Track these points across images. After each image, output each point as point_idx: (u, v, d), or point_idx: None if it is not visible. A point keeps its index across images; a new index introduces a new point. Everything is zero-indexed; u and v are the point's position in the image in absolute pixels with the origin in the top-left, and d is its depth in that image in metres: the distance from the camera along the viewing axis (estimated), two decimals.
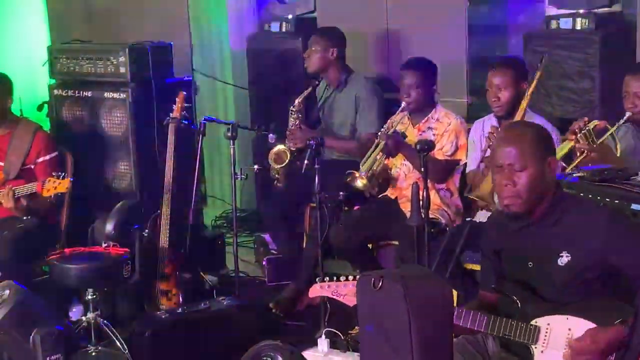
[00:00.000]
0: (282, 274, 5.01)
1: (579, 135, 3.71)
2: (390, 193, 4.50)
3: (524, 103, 3.97)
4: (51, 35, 5.99)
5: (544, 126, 3.13)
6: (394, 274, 2.43)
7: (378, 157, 4.37)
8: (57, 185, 4.22)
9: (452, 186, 4.46)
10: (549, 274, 2.84)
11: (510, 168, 2.82)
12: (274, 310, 4.64)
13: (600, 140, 3.74)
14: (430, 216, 3.71)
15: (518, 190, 2.82)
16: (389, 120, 4.52)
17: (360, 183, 4.33)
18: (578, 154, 3.74)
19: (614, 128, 3.76)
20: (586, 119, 3.80)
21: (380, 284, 2.41)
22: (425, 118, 4.49)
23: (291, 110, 4.90)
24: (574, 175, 3.41)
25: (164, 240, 4.49)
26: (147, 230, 4.40)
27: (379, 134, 4.39)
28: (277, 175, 4.91)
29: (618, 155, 3.72)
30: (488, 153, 3.96)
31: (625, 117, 3.77)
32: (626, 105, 3.81)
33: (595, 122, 3.78)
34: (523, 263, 2.90)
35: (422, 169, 3.61)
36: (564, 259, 2.81)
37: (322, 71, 4.99)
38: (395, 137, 4.34)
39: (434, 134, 4.42)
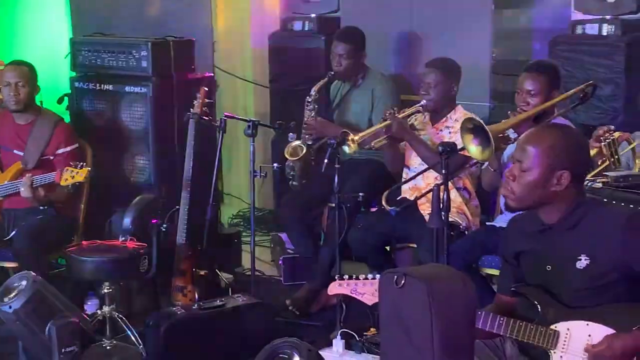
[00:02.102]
0: (298, 274, 5.02)
1: (603, 143, 3.71)
2: (408, 194, 4.51)
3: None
4: (73, 28, 6.02)
5: (579, 134, 3.10)
6: (418, 272, 2.43)
7: (381, 135, 4.37)
8: (75, 175, 4.24)
9: (469, 186, 4.46)
10: (568, 277, 2.83)
11: (519, 164, 2.84)
12: (290, 308, 4.66)
13: (622, 152, 3.74)
14: (450, 219, 3.72)
15: (513, 187, 2.83)
16: (406, 109, 4.51)
17: (348, 148, 4.34)
18: (600, 162, 3.74)
19: (636, 143, 3.75)
20: (612, 127, 3.80)
21: (403, 281, 2.41)
22: (445, 118, 4.50)
23: (307, 101, 4.92)
24: (598, 180, 3.40)
25: (181, 236, 4.51)
26: (165, 226, 4.42)
27: (388, 113, 4.41)
28: (292, 173, 4.92)
29: (637, 170, 3.71)
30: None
31: None
32: None
33: (619, 132, 3.79)
34: (542, 266, 2.89)
35: (444, 171, 3.62)
36: (583, 262, 2.80)
37: None
38: (403, 122, 4.35)
39: (450, 132, 4.43)
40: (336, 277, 3.15)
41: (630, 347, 2.66)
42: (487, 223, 4.33)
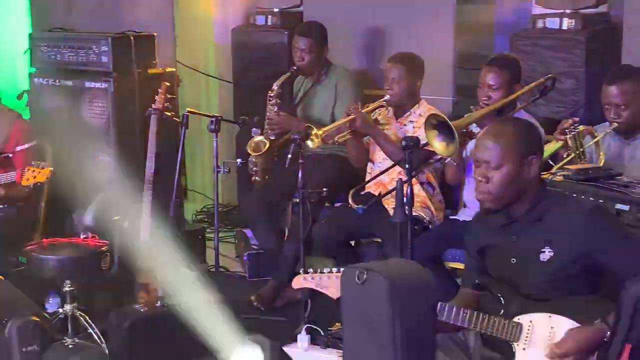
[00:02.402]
0: (263, 269, 5.02)
1: (568, 136, 3.75)
2: (373, 189, 4.52)
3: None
4: (32, 23, 5.95)
5: (531, 121, 3.15)
6: (379, 267, 2.44)
7: (344, 130, 4.37)
8: (36, 175, 4.19)
9: (433, 181, 4.48)
10: (532, 270, 2.87)
11: (486, 165, 2.85)
12: (255, 303, 4.65)
13: (586, 146, 3.78)
14: (414, 213, 3.73)
15: (490, 188, 2.85)
16: (370, 104, 4.51)
17: (312, 143, 4.34)
18: (565, 155, 3.78)
19: (600, 137, 3.80)
20: (577, 119, 3.84)
21: (365, 276, 2.42)
22: (408, 112, 4.52)
23: (269, 96, 4.91)
24: (559, 174, 3.43)
25: (144, 233, 4.48)
26: (127, 222, 4.38)
27: (351, 108, 4.41)
28: (255, 169, 4.90)
29: (601, 164, 3.75)
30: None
31: (611, 128, 3.81)
32: (608, 116, 3.84)
33: (583, 126, 3.83)
34: (506, 260, 2.92)
35: (407, 166, 3.62)
36: (547, 255, 2.84)
37: None
38: (367, 117, 4.35)
39: (413, 126, 4.45)
40: (300, 272, 3.14)
41: (593, 340, 2.69)
42: (450, 217, 4.35)
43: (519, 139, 2.86)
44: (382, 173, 4.27)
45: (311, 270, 3.10)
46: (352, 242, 4.62)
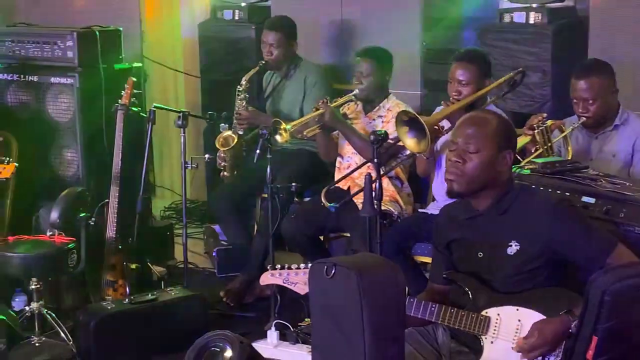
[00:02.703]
0: (232, 265, 4.99)
1: (536, 131, 3.78)
2: (342, 184, 4.52)
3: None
4: None
5: (510, 120, 3.18)
6: (347, 262, 2.44)
7: (313, 124, 4.38)
8: (1, 171, 4.15)
9: (401, 175, 4.49)
10: (499, 263, 2.89)
11: (465, 147, 2.87)
12: (224, 299, 4.65)
13: (554, 140, 3.82)
14: (382, 208, 3.74)
15: (464, 169, 2.87)
16: (338, 98, 4.51)
17: (281, 138, 4.34)
18: (533, 150, 3.81)
19: (568, 131, 3.83)
20: (545, 114, 3.87)
21: (333, 271, 2.42)
22: (377, 107, 4.53)
23: (238, 91, 4.90)
24: (527, 167, 3.46)
25: (111, 229, 4.45)
26: (93, 219, 4.35)
27: (320, 102, 4.41)
28: (223, 164, 4.89)
29: (570, 156, 3.79)
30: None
31: (579, 122, 3.84)
32: (577, 111, 3.88)
33: (551, 121, 3.86)
34: (473, 253, 2.94)
35: (375, 160, 3.62)
36: (513, 248, 2.86)
37: None
38: (335, 111, 4.36)
39: (382, 121, 4.46)
40: (268, 267, 3.14)
41: (560, 331, 2.72)
42: (419, 210, 4.37)
43: (500, 131, 2.90)
44: (354, 171, 4.27)
45: (279, 266, 3.10)
46: (321, 237, 4.62)
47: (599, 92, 3.81)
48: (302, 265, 3.05)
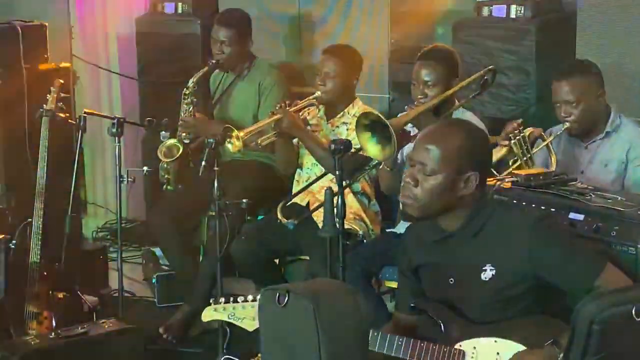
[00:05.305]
0: (175, 293, 5.00)
1: (512, 141, 3.80)
2: (299, 199, 4.53)
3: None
4: None
5: (484, 132, 3.18)
6: (302, 288, 2.44)
7: (268, 132, 4.40)
8: None
9: (368, 190, 4.51)
10: (473, 290, 2.88)
11: (420, 167, 2.86)
12: (164, 336, 4.63)
13: (535, 150, 3.85)
14: (346, 226, 3.75)
15: (417, 192, 2.86)
16: (298, 101, 4.52)
17: (233, 147, 4.34)
18: (511, 162, 3.84)
19: (549, 139, 3.87)
20: (520, 121, 3.90)
21: (287, 299, 2.41)
22: (341, 113, 4.54)
23: (184, 94, 4.89)
24: (507, 180, 3.47)
25: (34, 253, 4.42)
26: (14, 242, 4.33)
27: (278, 106, 4.42)
28: (166, 177, 4.88)
29: (553, 167, 3.82)
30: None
31: (563, 128, 3.89)
32: (559, 115, 3.92)
33: (530, 129, 3.89)
34: (444, 279, 2.94)
35: (337, 172, 3.63)
36: (488, 273, 2.86)
37: None
38: (295, 117, 4.37)
39: (347, 128, 4.47)
40: (211, 301, 3.14)
41: None
42: (387, 230, 4.38)
43: (464, 151, 2.85)
44: (312, 183, 4.28)
45: (222, 300, 3.09)
46: (277, 261, 4.62)
47: (582, 94, 3.85)
48: (249, 297, 3.05)
